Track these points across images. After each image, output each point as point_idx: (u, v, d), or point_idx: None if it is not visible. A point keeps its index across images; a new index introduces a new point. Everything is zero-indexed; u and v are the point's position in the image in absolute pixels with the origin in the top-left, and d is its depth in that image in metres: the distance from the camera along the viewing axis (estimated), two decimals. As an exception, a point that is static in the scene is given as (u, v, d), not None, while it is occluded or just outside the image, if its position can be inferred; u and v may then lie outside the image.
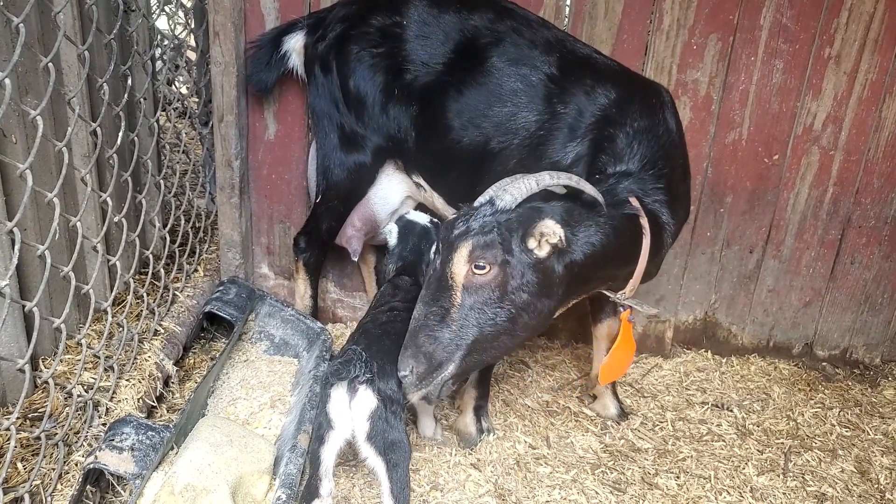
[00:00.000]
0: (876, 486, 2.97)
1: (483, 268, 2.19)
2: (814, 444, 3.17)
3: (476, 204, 2.32)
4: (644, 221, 2.50)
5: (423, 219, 3.01)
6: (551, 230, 2.20)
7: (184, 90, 4.61)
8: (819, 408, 3.43)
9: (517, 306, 2.24)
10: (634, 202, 2.51)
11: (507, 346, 2.38)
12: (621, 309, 2.80)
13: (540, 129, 2.68)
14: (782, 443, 3.16)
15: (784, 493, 2.86)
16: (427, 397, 2.33)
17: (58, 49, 2.10)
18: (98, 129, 2.47)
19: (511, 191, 2.24)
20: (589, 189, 2.33)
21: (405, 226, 2.99)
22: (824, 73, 3.27)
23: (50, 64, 2.03)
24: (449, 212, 3.10)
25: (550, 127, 2.66)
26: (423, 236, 2.95)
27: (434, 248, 2.89)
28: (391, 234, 2.99)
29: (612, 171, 2.56)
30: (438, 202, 3.09)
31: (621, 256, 2.52)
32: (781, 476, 2.96)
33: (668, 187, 2.63)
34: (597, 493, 2.77)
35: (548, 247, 2.24)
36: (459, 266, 2.22)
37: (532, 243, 2.23)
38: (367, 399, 2.23)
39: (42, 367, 2.58)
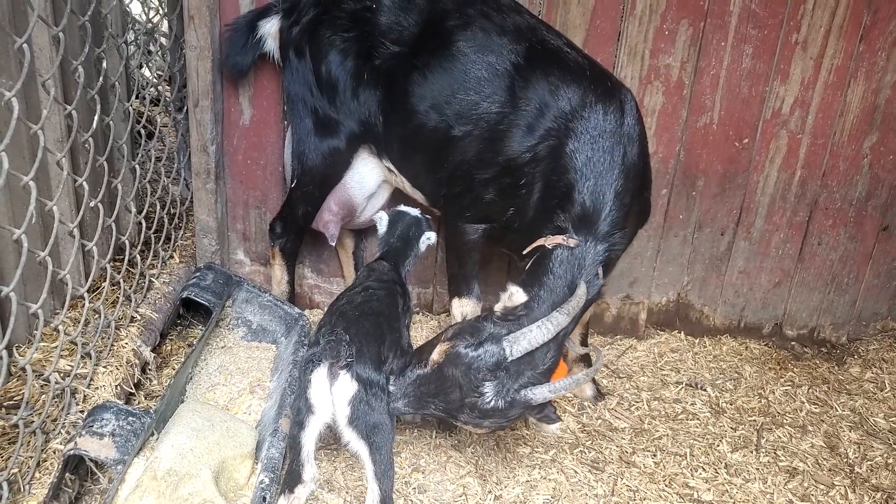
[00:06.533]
0: (845, 460, 3.06)
1: None
2: (784, 421, 3.26)
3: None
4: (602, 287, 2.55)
5: (414, 211, 2.97)
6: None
7: (157, 75, 4.54)
8: (789, 386, 3.52)
9: None
10: (600, 272, 2.50)
11: None
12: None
13: (500, 123, 2.66)
14: (754, 420, 3.24)
15: (757, 469, 2.94)
16: None
17: (32, 30, 2.06)
18: (73, 113, 2.43)
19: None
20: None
21: (396, 215, 2.94)
22: (792, 59, 3.33)
23: (25, 45, 2.00)
24: (417, 196, 3.12)
25: (511, 122, 2.64)
26: (413, 225, 2.91)
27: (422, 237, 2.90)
28: (381, 222, 2.94)
29: (581, 235, 2.48)
30: (407, 186, 3.10)
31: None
32: (754, 452, 3.04)
33: (625, 223, 2.57)
34: (576, 472, 2.81)
35: None
36: None
37: None
38: (346, 383, 2.23)
39: (17, 355, 2.54)
